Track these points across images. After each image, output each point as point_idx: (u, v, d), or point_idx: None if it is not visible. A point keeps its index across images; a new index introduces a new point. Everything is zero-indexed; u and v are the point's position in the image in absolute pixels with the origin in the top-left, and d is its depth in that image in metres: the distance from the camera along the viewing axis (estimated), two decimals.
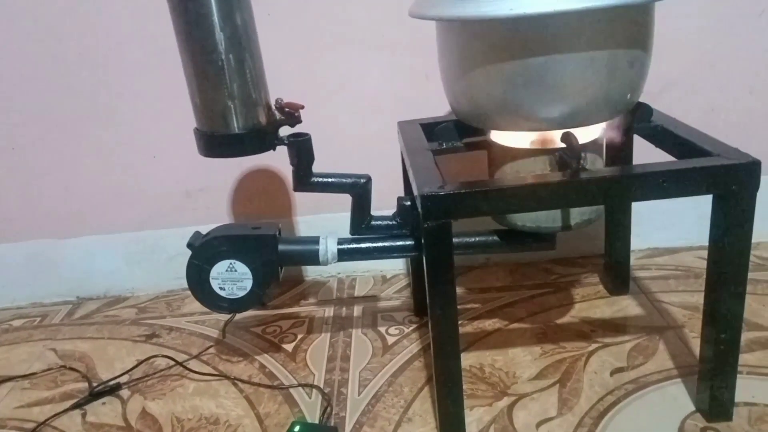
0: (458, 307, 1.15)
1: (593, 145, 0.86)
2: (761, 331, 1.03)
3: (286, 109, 0.88)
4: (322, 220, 1.26)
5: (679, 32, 1.17)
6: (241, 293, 0.95)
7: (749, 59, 1.20)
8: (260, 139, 0.88)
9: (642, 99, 0.88)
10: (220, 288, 0.95)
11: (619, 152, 1.02)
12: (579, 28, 0.73)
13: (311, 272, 1.34)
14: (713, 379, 0.84)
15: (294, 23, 1.16)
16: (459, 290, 1.24)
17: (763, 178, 0.89)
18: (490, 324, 1.12)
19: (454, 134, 0.94)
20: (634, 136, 0.99)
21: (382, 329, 1.14)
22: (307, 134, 0.90)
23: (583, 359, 1.01)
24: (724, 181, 0.74)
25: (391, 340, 1.11)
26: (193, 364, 1.08)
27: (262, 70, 0.88)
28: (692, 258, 1.27)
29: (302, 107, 0.89)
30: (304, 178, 0.92)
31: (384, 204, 1.02)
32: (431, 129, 0.97)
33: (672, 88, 1.20)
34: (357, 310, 1.22)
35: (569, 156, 0.78)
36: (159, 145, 1.22)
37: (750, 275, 1.15)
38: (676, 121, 0.91)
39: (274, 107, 0.90)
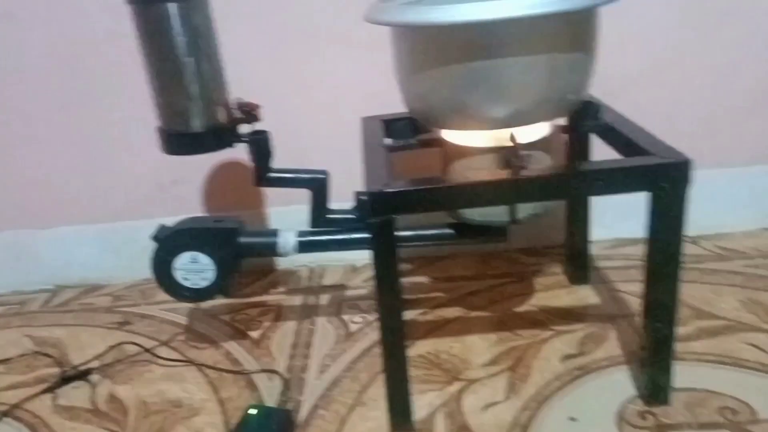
0: (423, 296, 1.21)
1: (540, 144, 0.89)
2: (712, 319, 1.06)
3: (245, 108, 0.91)
4: (293, 211, 1.27)
5: (643, 30, 1.20)
6: (204, 284, 0.99)
7: (710, 57, 1.23)
8: (219, 137, 0.92)
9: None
10: (184, 279, 0.98)
11: (578, 149, 1.06)
12: (518, 34, 0.77)
13: (283, 262, 1.37)
14: (651, 365, 0.88)
15: (264, 20, 1.19)
16: (426, 279, 1.28)
17: (725, 171, 0.93)
18: (451, 312, 1.16)
19: (409, 132, 0.98)
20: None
21: (347, 317, 1.18)
22: (265, 132, 0.94)
23: (536, 346, 1.04)
24: (656, 179, 0.78)
25: (354, 327, 1.15)
26: (162, 351, 1.13)
27: (221, 71, 0.92)
28: None
29: (258, 106, 0.92)
30: (263, 174, 0.96)
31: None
32: (390, 125, 1.01)
33: (636, 83, 1.23)
34: (324, 298, 1.26)
35: (512, 155, 0.82)
36: (133, 139, 1.25)
37: (710, 265, 1.20)
38: (623, 118, 0.94)
39: (233, 106, 0.93)
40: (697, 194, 1.27)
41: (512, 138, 0.81)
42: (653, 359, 0.87)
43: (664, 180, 0.77)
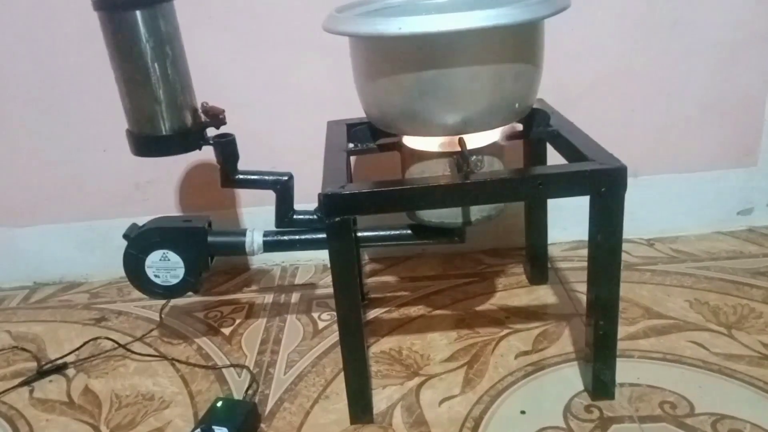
0: (389, 294, 1.25)
1: (491, 149, 0.94)
2: (660, 319, 1.11)
3: (211, 112, 0.96)
4: (264, 212, 1.32)
5: (599, 38, 1.25)
6: (175, 281, 1.03)
7: (665, 65, 1.27)
8: (186, 140, 0.96)
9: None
10: (155, 276, 1.03)
11: (535, 154, 1.11)
12: (462, 46, 0.82)
13: (257, 261, 1.42)
14: (595, 361, 0.92)
15: (236, 25, 1.23)
16: (392, 279, 1.33)
17: (680, 176, 0.95)
18: (415, 311, 1.21)
19: (369, 136, 1.02)
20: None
21: (316, 315, 1.23)
22: (231, 135, 0.98)
23: (493, 343, 1.09)
24: (595, 184, 0.82)
25: (322, 324, 1.19)
26: (136, 346, 1.17)
27: (187, 76, 0.96)
28: None
29: (224, 111, 0.97)
30: (229, 176, 1.00)
31: None
32: (353, 129, 1.05)
33: (591, 92, 1.28)
34: (295, 297, 1.30)
35: (461, 159, 0.87)
36: (109, 139, 1.29)
37: (662, 267, 1.25)
38: (572, 126, 0.99)
39: (200, 110, 0.97)
40: (655, 199, 1.34)
41: (461, 144, 0.86)
42: (597, 356, 0.92)
43: (602, 185, 0.82)
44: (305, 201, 1.08)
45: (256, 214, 1.36)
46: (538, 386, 0.99)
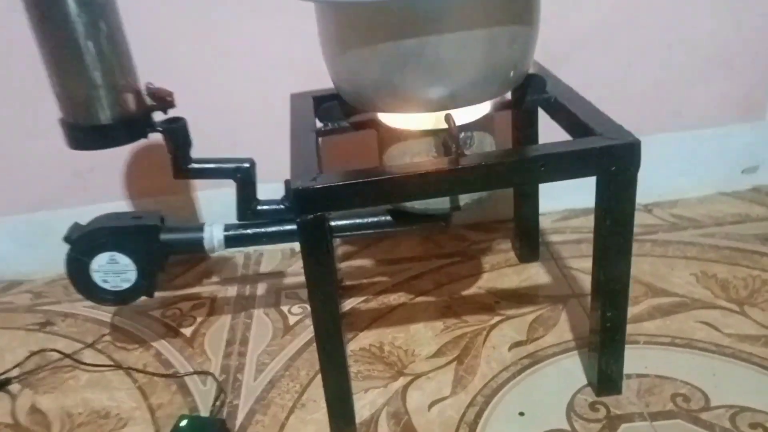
0: (365, 281, 1.15)
1: (481, 124, 0.83)
2: (666, 296, 1.03)
3: (157, 95, 0.83)
4: (222, 195, 1.19)
5: None
6: (126, 285, 0.92)
7: (665, 12, 1.17)
8: (130, 128, 0.84)
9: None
10: (104, 281, 0.92)
11: (526, 126, 1.01)
12: (450, 8, 0.70)
13: None
14: (602, 353, 0.84)
15: None
16: (368, 262, 1.22)
17: (679, 134, 1.07)
18: (395, 298, 1.11)
19: (340, 113, 0.90)
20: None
21: (285, 308, 1.12)
22: (181, 119, 0.86)
23: (484, 333, 1.00)
24: (605, 162, 0.73)
25: (293, 319, 1.09)
26: (87, 354, 1.05)
27: (127, 53, 0.83)
28: None
29: (172, 93, 0.84)
30: (182, 165, 0.88)
31: None
32: (322, 103, 0.93)
33: (584, 46, 1.17)
34: (261, 288, 1.18)
35: (449, 139, 0.76)
36: (44, 124, 1.14)
37: (663, 236, 1.17)
38: (570, 91, 0.88)
39: (144, 93, 0.84)
40: (652, 160, 1.23)
41: (448, 121, 0.75)
42: (604, 347, 0.83)
43: (612, 163, 0.72)
44: (270, 182, 0.96)
45: (213, 197, 1.24)
46: (536, 382, 0.90)
